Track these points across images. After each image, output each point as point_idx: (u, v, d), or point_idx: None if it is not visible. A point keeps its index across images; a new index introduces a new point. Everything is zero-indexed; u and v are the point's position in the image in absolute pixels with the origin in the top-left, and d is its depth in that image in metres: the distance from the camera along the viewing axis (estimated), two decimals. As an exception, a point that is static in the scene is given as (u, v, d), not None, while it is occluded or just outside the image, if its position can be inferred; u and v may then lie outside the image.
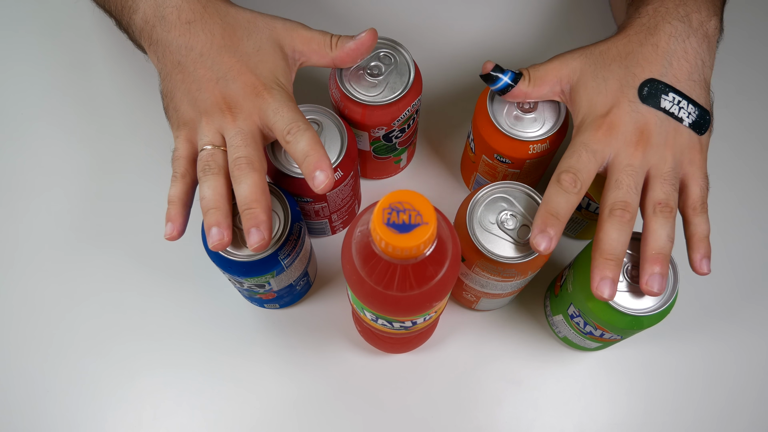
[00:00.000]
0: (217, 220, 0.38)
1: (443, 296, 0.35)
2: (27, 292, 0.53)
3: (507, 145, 0.46)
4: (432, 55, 0.62)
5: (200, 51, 0.40)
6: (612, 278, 0.38)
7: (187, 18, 0.41)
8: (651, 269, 0.39)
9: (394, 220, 0.28)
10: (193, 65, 0.40)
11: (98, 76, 0.62)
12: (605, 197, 0.40)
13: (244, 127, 0.40)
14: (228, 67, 0.40)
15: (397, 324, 0.38)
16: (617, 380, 0.51)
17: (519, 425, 0.49)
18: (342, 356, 0.51)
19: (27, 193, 0.57)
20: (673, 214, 0.40)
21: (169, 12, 0.41)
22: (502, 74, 0.44)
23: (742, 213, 0.57)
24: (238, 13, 0.42)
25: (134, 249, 0.54)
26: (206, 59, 0.40)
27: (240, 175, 0.39)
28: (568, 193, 0.39)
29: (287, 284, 0.47)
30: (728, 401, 0.50)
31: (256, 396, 0.50)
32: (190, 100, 0.41)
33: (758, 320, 0.53)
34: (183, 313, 0.52)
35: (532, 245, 0.39)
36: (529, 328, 0.52)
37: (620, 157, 0.40)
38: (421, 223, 0.28)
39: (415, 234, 0.28)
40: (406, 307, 0.35)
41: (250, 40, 0.41)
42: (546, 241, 0.38)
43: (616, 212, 0.39)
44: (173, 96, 0.42)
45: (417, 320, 0.38)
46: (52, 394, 0.50)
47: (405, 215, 0.28)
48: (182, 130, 0.42)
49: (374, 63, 0.47)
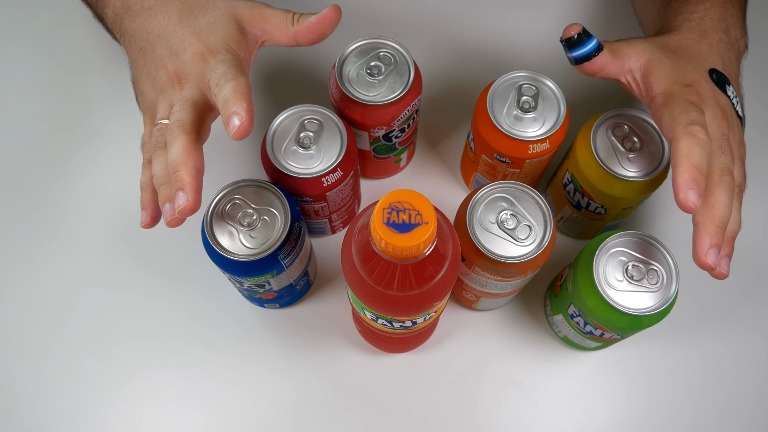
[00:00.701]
0: (168, 195, 0.38)
1: (443, 296, 0.35)
2: (27, 292, 0.53)
3: (507, 144, 0.46)
4: (432, 55, 0.62)
5: (158, 32, 0.41)
6: (719, 247, 0.37)
7: (148, 5, 0.42)
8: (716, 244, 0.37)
9: (394, 220, 0.28)
10: (151, 47, 0.41)
11: (98, 76, 0.62)
12: (715, 161, 0.39)
13: (187, 95, 0.40)
14: (180, 41, 0.41)
15: (397, 324, 0.38)
16: (617, 380, 0.51)
17: (519, 425, 0.49)
18: (342, 356, 0.51)
19: (27, 193, 0.57)
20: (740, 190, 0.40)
21: (133, 2, 0.42)
22: (589, 40, 0.41)
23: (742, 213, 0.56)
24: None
25: (134, 249, 0.54)
26: (162, 38, 0.41)
27: (170, 140, 0.38)
28: (704, 146, 0.37)
29: (287, 284, 0.47)
30: (728, 401, 0.50)
31: (256, 396, 0.50)
32: (150, 82, 0.42)
33: (758, 320, 0.53)
34: (183, 313, 0.52)
35: (680, 202, 0.36)
36: (529, 328, 0.52)
37: (711, 126, 0.40)
38: (421, 222, 0.28)
39: (415, 234, 0.28)
40: (406, 307, 0.35)
41: (206, 16, 0.42)
42: (697, 196, 0.36)
43: (726, 177, 0.38)
44: (138, 82, 0.43)
45: (417, 320, 0.38)
46: (52, 395, 0.50)
47: (405, 215, 0.28)
48: (147, 114, 0.42)
49: (374, 63, 0.47)
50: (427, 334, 0.49)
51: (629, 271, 0.42)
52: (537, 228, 0.42)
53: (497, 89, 0.47)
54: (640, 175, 0.44)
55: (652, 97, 0.42)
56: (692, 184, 0.36)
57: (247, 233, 0.42)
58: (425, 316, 0.38)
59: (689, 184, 0.36)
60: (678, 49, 0.43)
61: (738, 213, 0.40)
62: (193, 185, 0.36)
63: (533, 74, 0.47)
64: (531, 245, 0.42)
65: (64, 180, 0.57)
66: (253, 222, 0.42)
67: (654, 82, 0.42)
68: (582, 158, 0.46)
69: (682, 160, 0.37)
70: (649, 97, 0.42)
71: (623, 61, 0.42)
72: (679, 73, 0.41)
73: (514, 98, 0.46)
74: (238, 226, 0.42)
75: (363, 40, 0.48)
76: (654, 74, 0.42)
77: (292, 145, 0.45)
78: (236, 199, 0.43)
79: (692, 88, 0.41)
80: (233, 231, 0.42)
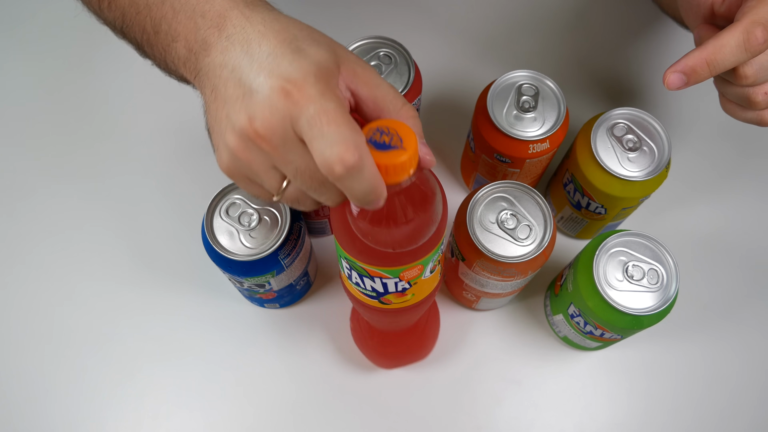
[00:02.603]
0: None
1: (425, 250, 0.35)
2: (27, 292, 0.53)
3: (507, 144, 0.46)
4: (432, 55, 0.62)
5: (233, 66, 0.31)
6: (689, 81, 0.35)
7: (227, 33, 0.32)
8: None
9: (376, 139, 0.29)
10: (224, 85, 0.31)
11: (98, 76, 0.62)
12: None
13: (287, 159, 0.30)
14: (256, 74, 0.30)
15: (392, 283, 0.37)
16: (617, 380, 0.51)
17: (519, 425, 0.49)
18: (342, 356, 0.51)
19: (27, 193, 0.57)
20: None
21: (210, 33, 0.32)
22: None
23: (742, 213, 0.57)
24: (290, 22, 0.32)
25: (134, 249, 0.54)
26: (236, 72, 0.30)
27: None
28: (746, 51, 0.35)
29: (287, 284, 0.47)
30: (728, 401, 0.50)
31: (256, 395, 0.50)
32: (220, 133, 0.31)
33: (758, 320, 0.53)
34: (183, 313, 0.52)
35: (663, 77, 0.36)
36: (529, 328, 0.52)
37: None
38: (399, 147, 0.28)
39: (390, 154, 0.28)
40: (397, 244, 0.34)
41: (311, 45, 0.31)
42: (681, 82, 0.34)
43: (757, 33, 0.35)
44: (212, 131, 0.33)
45: (392, 279, 0.37)
46: (52, 394, 0.50)
47: (387, 137, 0.29)
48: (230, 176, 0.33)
49: (374, 63, 0.47)
50: (423, 345, 0.49)
51: (629, 271, 0.42)
52: (537, 228, 0.42)
53: (497, 89, 0.47)
54: (640, 175, 0.44)
55: None
56: (688, 72, 0.34)
57: (247, 233, 0.42)
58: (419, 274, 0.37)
59: (684, 69, 0.34)
60: None
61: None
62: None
63: (533, 74, 0.47)
64: (531, 245, 0.42)
65: (65, 180, 0.57)
66: (253, 222, 0.42)
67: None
68: (582, 158, 0.46)
69: (706, 48, 0.34)
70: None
71: None
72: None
73: (514, 98, 0.46)
74: (238, 226, 0.42)
75: (363, 40, 0.48)
76: None
77: (292, 145, 0.45)
78: (236, 199, 0.43)
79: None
80: (233, 231, 0.42)
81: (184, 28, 0.33)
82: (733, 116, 0.41)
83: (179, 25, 0.33)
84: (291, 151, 0.29)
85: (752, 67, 0.37)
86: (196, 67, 0.33)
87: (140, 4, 0.35)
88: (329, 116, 0.28)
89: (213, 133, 0.32)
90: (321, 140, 0.27)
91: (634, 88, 0.62)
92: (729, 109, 0.42)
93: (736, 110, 0.41)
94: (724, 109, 0.42)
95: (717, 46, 0.35)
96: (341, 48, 0.32)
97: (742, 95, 0.39)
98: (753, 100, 0.39)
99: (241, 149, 0.30)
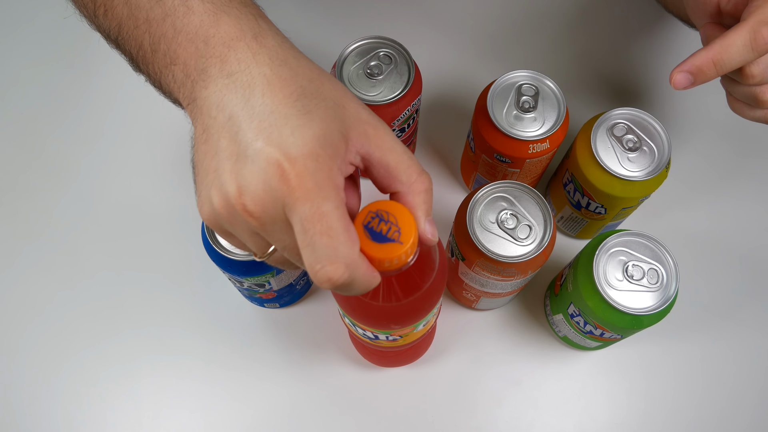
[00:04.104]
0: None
1: (427, 311, 0.34)
2: (27, 292, 0.53)
3: (507, 144, 0.46)
4: (432, 55, 0.62)
5: (230, 113, 0.28)
6: (696, 80, 0.35)
7: (230, 70, 0.29)
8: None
9: (373, 226, 0.27)
10: (218, 133, 0.28)
11: (98, 76, 0.62)
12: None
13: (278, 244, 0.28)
14: (254, 136, 0.27)
15: (383, 336, 0.37)
16: (617, 380, 0.51)
17: (519, 425, 0.49)
18: (342, 355, 0.51)
19: (27, 193, 0.57)
20: None
21: (212, 63, 0.29)
22: None
23: (742, 213, 0.57)
24: (299, 65, 0.29)
25: (134, 249, 0.54)
26: (232, 124, 0.28)
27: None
28: (753, 51, 0.34)
29: (287, 283, 0.47)
30: (728, 401, 0.50)
31: (256, 395, 0.50)
32: (206, 187, 0.29)
33: (758, 320, 0.53)
34: (183, 313, 0.52)
35: (670, 77, 0.36)
36: (529, 328, 0.52)
37: None
38: (396, 240, 0.27)
39: (386, 248, 0.27)
40: (389, 319, 0.34)
41: (314, 106, 0.28)
42: (687, 81, 0.34)
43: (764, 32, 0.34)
44: (197, 172, 0.30)
45: (399, 335, 0.37)
46: (52, 394, 0.50)
47: (385, 226, 0.27)
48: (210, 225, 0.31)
49: (374, 63, 0.47)
50: (418, 353, 0.49)
51: (629, 270, 0.42)
52: (537, 228, 0.42)
53: (497, 89, 0.47)
54: (640, 175, 0.44)
55: None
56: (694, 72, 0.34)
57: (247, 233, 0.42)
58: (412, 329, 0.37)
59: (690, 68, 0.34)
60: None
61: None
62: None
63: (533, 74, 0.47)
64: (531, 245, 0.42)
65: (65, 180, 0.57)
66: (253, 222, 0.42)
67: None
68: (582, 158, 0.46)
69: (712, 48, 0.34)
70: None
71: None
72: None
73: (514, 98, 0.46)
74: (238, 226, 0.42)
75: (363, 40, 0.48)
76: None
77: (292, 144, 0.45)
78: (236, 199, 0.43)
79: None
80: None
81: (184, 51, 0.30)
82: (741, 115, 0.41)
83: (179, 47, 0.30)
84: (280, 231, 0.27)
85: (759, 67, 0.37)
86: (192, 95, 0.30)
87: (139, 18, 0.32)
88: (323, 224, 0.25)
89: (198, 176, 0.30)
90: (312, 253, 0.26)
91: (634, 88, 0.62)
92: (737, 108, 0.42)
93: (744, 109, 0.41)
94: (732, 108, 0.42)
95: (723, 46, 0.35)
96: (352, 103, 0.29)
97: (749, 94, 0.39)
98: (760, 99, 0.39)
99: (225, 213, 0.28)
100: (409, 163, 0.29)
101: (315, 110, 0.27)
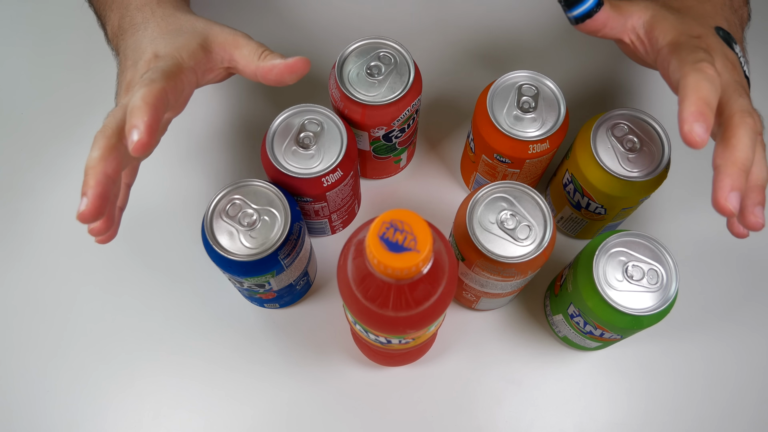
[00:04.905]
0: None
1: (437, 317, 0.35)
2: (28, 292, 0.53)
3: (507, 144, 0.46)
4: (432, 55, 0.62)
5: (133, 46, 0.42)
6: (741, 191, 0.34)
7: (135, 21, 0.43)
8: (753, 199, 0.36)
9: (389, 237, 0.28)
10: (124, 59, 0.42)
11: (98, 76, 0.61)
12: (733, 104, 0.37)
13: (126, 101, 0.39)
14: (142, 51, 0.41)
15: (395, 340, 0.38)
16: (617, 380, 0.51)
17: (519, 425, 0.49)
18: (342, 356, 0.51)
19: (27, 193, 0.57)
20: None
21: (126, 21, 0.44)
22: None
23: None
24: (183, 16, 0.43)
25: (134, 249, 0.54)
26: (131, 50, 0.42)
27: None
28: (713, 81, 0.35)
29: (287, 284, 0.47)
30: (728, 401, 0.50)
31: (256, 395, 0.50)
32: (116, 93, 0.43)
33: (758, 320, 0.53)
34: (183, 313, 0.52)
35: (685, 135, 0.34)
36: (529, 328, 0.52)
37: (723, 75, 0.38)
38: (413, 249, 0.28)
39: (404, 257, 0.28)
40: (400, 326, 0.34)
41: (179, 35, 0.41)
42: (704, 129, 0.33)
43: (747, 119, 0.35)
44: (120, 82, 0.43)
45: (409, 339, 0.38)
46: (52, 394, 0.50)
47: (401, 235, 0.28)
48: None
49: (374, 63, 0.47)
50: (422, 351, 0.49)
51: (629, 271, 0.42)
52: (537, 228, 0.42)
53: (497, 89, 0.47)
54: (640, 175, 0.44)
55: (658, 50, 0.40)
56: (699, 117, 0.34)
57: (247, 233, 0.42)
58: (425, 331, 0.37)
59: (695, 116, 0.34)
60: (681, 9, 0.41)
61: (763, 161, 0.36)
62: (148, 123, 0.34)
63: (533, 74, 0.47)
64: (531, 245, 0.42)
65: (64, 180, 0.57)
66: (253, 222, 0.42)
67: (659, 35, 0.40)
68: (582, 158, 0.46)
69: (689, 94, 0.34)
70: (654, 51, 0.40)
71: (625, 18, 0.41)
72: (685, 26, 0.39)
73: (514, 98, 0.46)
74: (238, 226, 0.42)
75: (363, 40, 0.48)
76: (659, 28, 0.40)
77: (292, 145, 0.45)
78: (236, 199, 0.43)
79: (701, 39, 0.39)
80: (233, 231, 0.42)
81: (113, 14, 0.46)
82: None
83: (112, 12, 0.46)
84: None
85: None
86: (117, 47, 0.45)
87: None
88: (143, 84, 0.36)
89: (120, 87, 0.42)
90: (131, 96, 0.36)
91: (634, 88, 0.62)
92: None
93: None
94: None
95: (738, 158, 0.35)
96: (216, 29, 0.42)
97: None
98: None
99: (117, 98, 0.42)
100: (254, 43, 0.42)
101: (183, 35, 0.41)
